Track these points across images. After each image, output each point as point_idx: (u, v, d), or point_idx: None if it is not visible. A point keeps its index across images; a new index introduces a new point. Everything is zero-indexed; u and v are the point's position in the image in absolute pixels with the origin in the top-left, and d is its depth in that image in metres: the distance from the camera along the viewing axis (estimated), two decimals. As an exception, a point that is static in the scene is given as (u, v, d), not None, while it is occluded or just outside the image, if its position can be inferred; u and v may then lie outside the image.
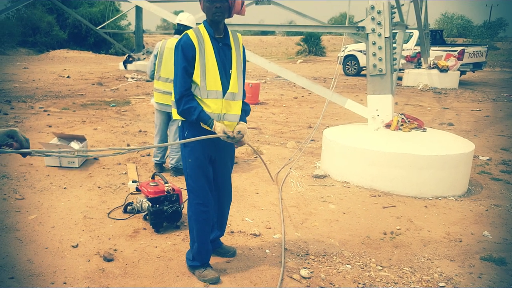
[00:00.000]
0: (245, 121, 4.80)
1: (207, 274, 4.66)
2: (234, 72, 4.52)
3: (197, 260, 4.74)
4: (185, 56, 4.31)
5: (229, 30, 4.55)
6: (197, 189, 4.58)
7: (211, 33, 4.40)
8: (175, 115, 4.53)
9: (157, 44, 8.06)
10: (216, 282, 4.62)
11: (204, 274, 4.66)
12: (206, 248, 4.74)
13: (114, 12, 40.18)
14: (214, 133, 4.36)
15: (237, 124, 4.71)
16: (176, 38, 7.62)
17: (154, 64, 7.93)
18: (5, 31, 43.06)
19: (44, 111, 14.43)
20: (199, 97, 4.39)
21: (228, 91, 4.47)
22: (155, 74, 7.86)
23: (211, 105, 4.41)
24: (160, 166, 8.20)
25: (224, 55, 4.47)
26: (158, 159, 8.21)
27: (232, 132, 4.49)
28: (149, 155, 9.16)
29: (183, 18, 7.81)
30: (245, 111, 4.81)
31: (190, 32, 4.37)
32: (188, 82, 4.35)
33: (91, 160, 8.85)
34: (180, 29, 7.73)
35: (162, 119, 8.02)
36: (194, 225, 4.67)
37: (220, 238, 5.23)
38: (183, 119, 4.51)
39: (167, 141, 8.07)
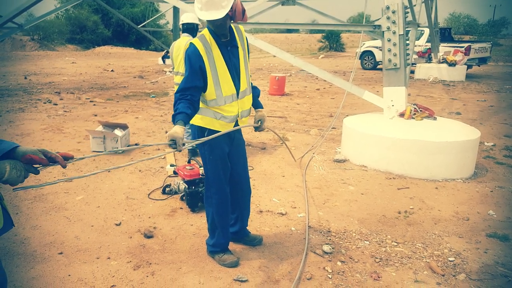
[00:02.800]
0: (261, 107, 4.64)
1: (226, 258, 4.52)
2: (243, 69, 4.30)
3: (218, 246, 4.60)
4: (192, 66, 4.03)
5: (233, 28, 4.26)
6: (217, 182, 4.42)
7: (218, 40, 4.11)
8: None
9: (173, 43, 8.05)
10: (235, 265, 4.49)
11: (224, 259, 4.53)
12: (226, 235, 4.60)
13: (154, 12, 40.34)
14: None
15: (256, 112, 4.59)
16: (184, 36, 7.70)
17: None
18: (55, 29, 43.90)
19: (90, 101, 14.59)
20: (217, 107, 4.20)
21: (240, 90, 4.28)
22: (174, 70, 7.89)
23: (230, 109, 4.25)
24: (193, 152, 8.11)
25: (233, 56, 4.20)
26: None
27: (241, 121, 4.39)
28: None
29: (185, 18, 7.78)
30: (257, 96, 4.64)
31: (196, 42, 4.04)
32: (191, 83, 4.05)
33: (133, 145, 8.87)
34: (184, 27, 7.76)
35: None
36: (215, 214, 4.50)
37: (249, 218, 5.03)
38: (200, 124, 4.32)
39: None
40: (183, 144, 3.70)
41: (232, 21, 4.10)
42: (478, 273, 4.44)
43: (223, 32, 4.10)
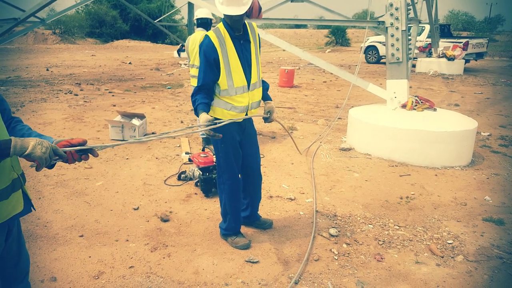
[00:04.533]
0: (270, 99, 4.62)
1: (238, 241, 4.55)
2: (254, 63, 4.30)
3: (230, 230, 4.62)
4: (207, 59, 4.08)
5: (246, 23, 4.27)
6: (228, 169, 4.43)
7: (232, 34, 4.12)
8: None
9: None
10: (247, 247, 4.51)
11: (236, 241, 4.55)
12: (238, 219, 4.61)
13: (170, 8, 40.23)
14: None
15: (266, 104, 4.56)
16: (199, 30, 7.62)
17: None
18: (75, 23, 44.02)
19: (109, 92, 14.57)
20: (229, 97, 4.20)
21: (251, 82, 4.28)
22: (189, 63, 7.85)
23: (241, 100, 4.25)
24: (207, 140, 8.05)
25: (245, 50, 4.21)
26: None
27: (247, 114, 4.38)
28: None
29: (199, 13, 7.71)
30: (266, 89, 4.61)
31: (211, 34, 4.10)
32: (208, 78, 4.14)
33: (150, 134, 8.88)
34: (199, 22, 7.68)
35: None
36: (227, 200, 4.51)
37: (260, 203, 5.02)
38: (212, 115, 4.26)
39: None
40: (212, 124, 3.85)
41: (247, 17, 4.11)
42: (475, 255, 4.46)
43: (238, 27, 4.12)
